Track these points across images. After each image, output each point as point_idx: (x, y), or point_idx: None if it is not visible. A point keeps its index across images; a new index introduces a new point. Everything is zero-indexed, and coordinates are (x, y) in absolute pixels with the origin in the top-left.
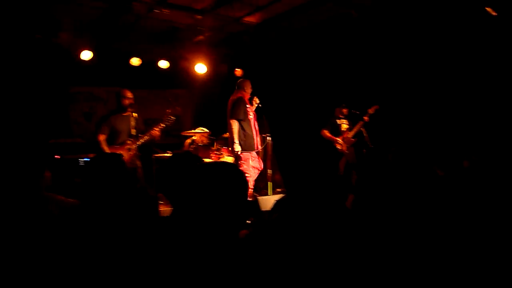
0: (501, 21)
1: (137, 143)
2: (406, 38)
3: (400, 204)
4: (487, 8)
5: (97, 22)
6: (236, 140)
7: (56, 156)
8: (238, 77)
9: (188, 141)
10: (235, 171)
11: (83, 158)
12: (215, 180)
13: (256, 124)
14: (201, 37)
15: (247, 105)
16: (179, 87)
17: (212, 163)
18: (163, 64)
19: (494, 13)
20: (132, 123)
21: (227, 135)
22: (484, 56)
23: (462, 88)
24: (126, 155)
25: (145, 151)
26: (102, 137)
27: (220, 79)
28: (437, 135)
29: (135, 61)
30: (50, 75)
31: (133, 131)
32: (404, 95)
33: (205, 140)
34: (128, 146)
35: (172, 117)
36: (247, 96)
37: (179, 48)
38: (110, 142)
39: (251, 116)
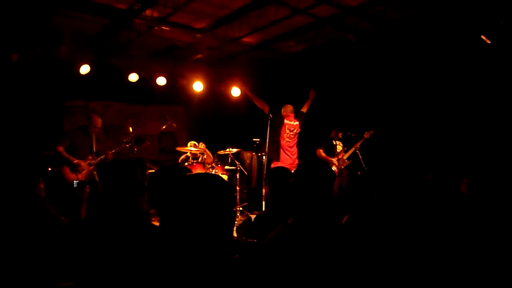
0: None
1: (97, 160)
2: (401, 63)
3: (393, 224)
4: (482, 36)
5: (97, 37)
6: None
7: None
8: (235, 96)
9: (182, 157)
10: (221, 182)
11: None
12: (202, 191)
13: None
14: (199, 56)
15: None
16: (175, 104)
17: (199, 175)
18: (161, 80)
19: (488, 41)
20: (94, 143)
21: (223, 152)
22: (474, 83)
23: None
24: (86, 168)
25: (140, 167)
26: (60, 148)
27: (217, 97)
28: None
29: (132, 77)
30: (47, 87)
31: (95, 149)
32: (397, 119)
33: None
34: (89, 161)
35: (128, 140)
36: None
37: (177, 66)
38: (71, 155)
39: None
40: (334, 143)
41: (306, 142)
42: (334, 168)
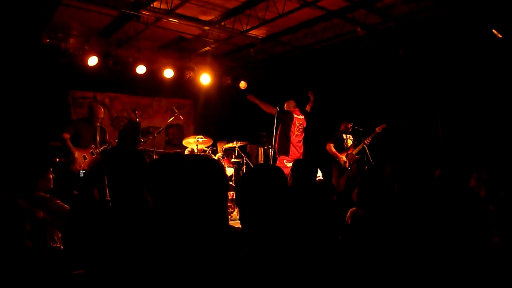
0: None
1: (101, 148)
2: (411, 57)
3: (400, 220)
4: (493, 30)
5: (106, 28)
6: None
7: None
8: (242, 89)
9: (189, 150)
10: (214, 165)
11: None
12: (195, 173)
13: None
14: (207, 48)
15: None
16: (182, 97)
17: (191, 157)
18: (168, 73)
19: (499, 36)
20: (98, 132)
21: (229, 145)
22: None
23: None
24: (88, 157)
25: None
26: (66, 136)
27: (224, 90)
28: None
29: (140, 69)
30: (55, 78)
31: (98, 138)
32: (406, 114)
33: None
34: (92, 150)
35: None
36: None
37: (185, 58)
38: (75, 144)
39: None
40: (344, 137)
41: (315, 136)
42: (342, 163)
